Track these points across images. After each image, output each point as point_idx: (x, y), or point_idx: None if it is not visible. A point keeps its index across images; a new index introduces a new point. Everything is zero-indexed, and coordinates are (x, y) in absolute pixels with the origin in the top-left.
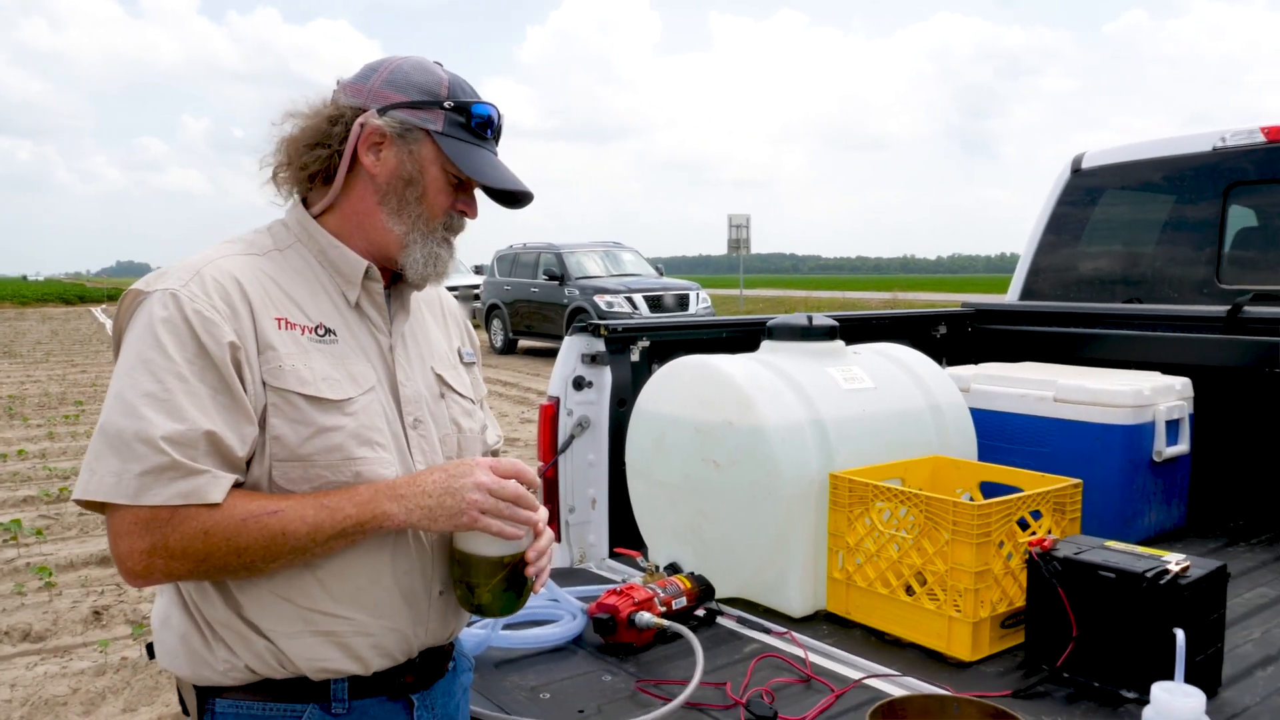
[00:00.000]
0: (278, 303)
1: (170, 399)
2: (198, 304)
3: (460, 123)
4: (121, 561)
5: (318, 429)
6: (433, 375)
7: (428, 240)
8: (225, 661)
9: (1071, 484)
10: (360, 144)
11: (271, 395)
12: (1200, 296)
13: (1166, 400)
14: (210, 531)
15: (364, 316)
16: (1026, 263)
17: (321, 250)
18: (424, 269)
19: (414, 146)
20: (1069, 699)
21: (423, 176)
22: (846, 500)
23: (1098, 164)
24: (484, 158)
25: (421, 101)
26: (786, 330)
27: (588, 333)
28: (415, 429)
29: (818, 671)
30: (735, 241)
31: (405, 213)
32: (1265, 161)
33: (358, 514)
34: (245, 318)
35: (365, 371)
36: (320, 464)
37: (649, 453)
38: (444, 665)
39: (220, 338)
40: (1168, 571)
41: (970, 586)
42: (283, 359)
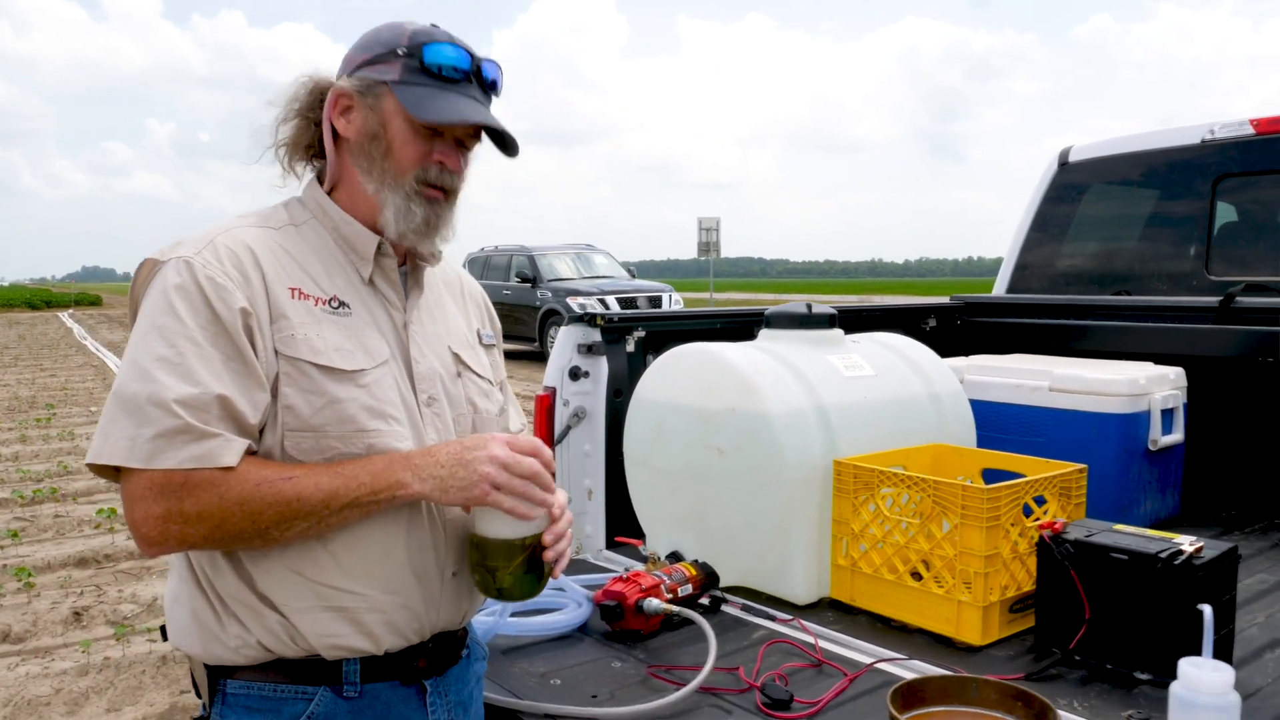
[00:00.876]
0: (292, 273)
1: (183, 362)
2: (210, 270)
3: (416, 67)
4: (136, 528)
5: (329, 399)
6: (449, 354)
7: (396, 194)
8: (237, 637)
9: (1077, 469)
10: (331, 109)
11: (284, 364)
12: (1189, 289)
13: (1161, 389)
14: (225, 496)
15: (378, 293)
16: (1013, 257)
17: (335, 226)
18: (398, 225)
19: (375, 101)
20: (1082, 681)
21: (385, 130)
22: (851, 486)
23: (1085, 157)
24: (442, 99)
25: (381, 55)
26: (786, 319)
27: (584, 323)
28: (429, 406)
29: (827, 657)
30: (705, 244)
31: (374, 169)
32: (1254, 154)
33: (372, 482)
34: (258, 285)
35: (378, 345)
36: (332, 435)
37: (649, 441)
38: (457, 652)
39: (232, 304)
40: (1182, 552)
41: (980, 570)
42: (295, 328)
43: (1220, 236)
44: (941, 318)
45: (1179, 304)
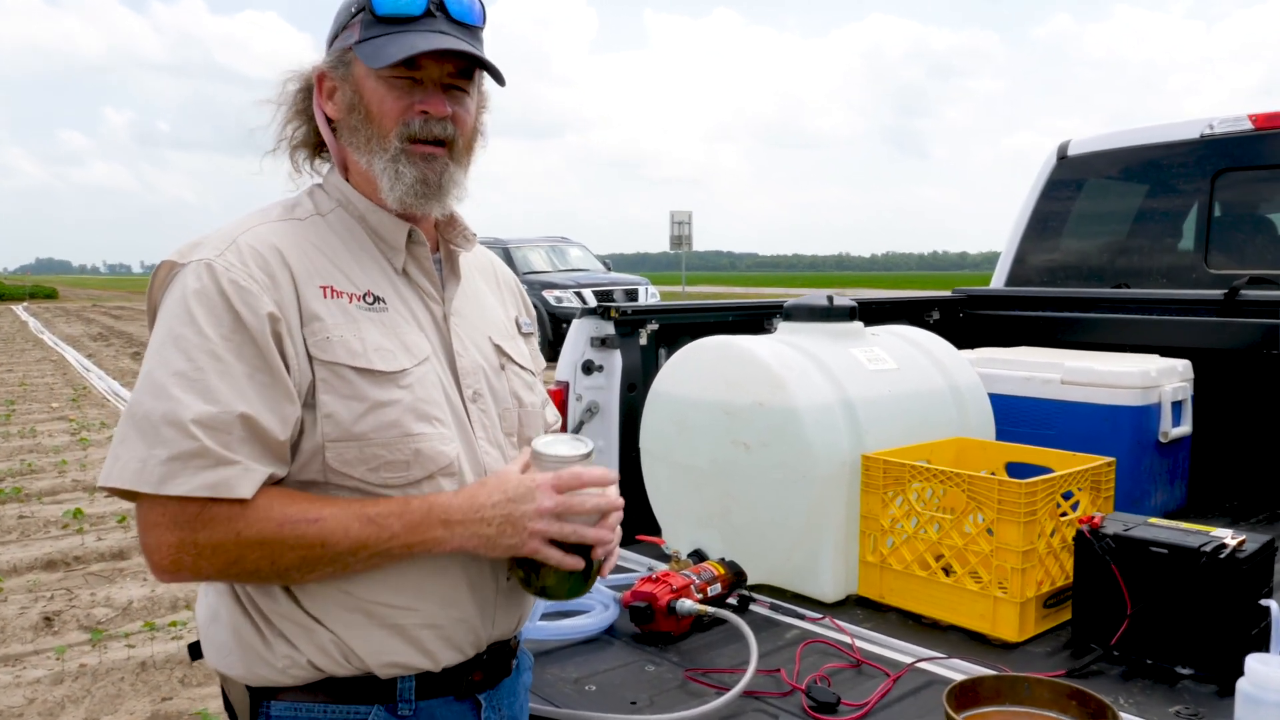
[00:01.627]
0: (322, 270)
1: (202, 378)
2: (234, 273)
3: (370, 20)
4: (148, 554)
5: (372, 404)
6: (491, 346)
7: (383, 158)
8: (285, 657)
9: (1106, 462)
10: (320, 99)
11: (320, 370)
12: (1189, 282)
13: (1171, 382)
14: (243, 533)
15: (414, 284)
16: (1011, 251)
17: (362, 215)
18: (393, 191)
19: (346, 71)
20: (1124, 677)
21: (361, 95)
22: (880, 482)
23: (1083, 151)
24: (399, 40)
25: (343, 22)
26: (807, 311)
27: (597, 315)
28: (475, 403)
29: (865, 656)
30: (677, 238)
31: (359, 140)
32: (1252, 148)
33: (405, 536)
34: (287, 287)
35: (419, 341)
36: (376, 442)
37: (670, 437)
38: (509, 663)
39: (258, 309)
40: (1225, 546)
41: (1018, 566)
42: (330, 330)
43: (1219, 230)
44: (945, 310)
45: (1183, 297)
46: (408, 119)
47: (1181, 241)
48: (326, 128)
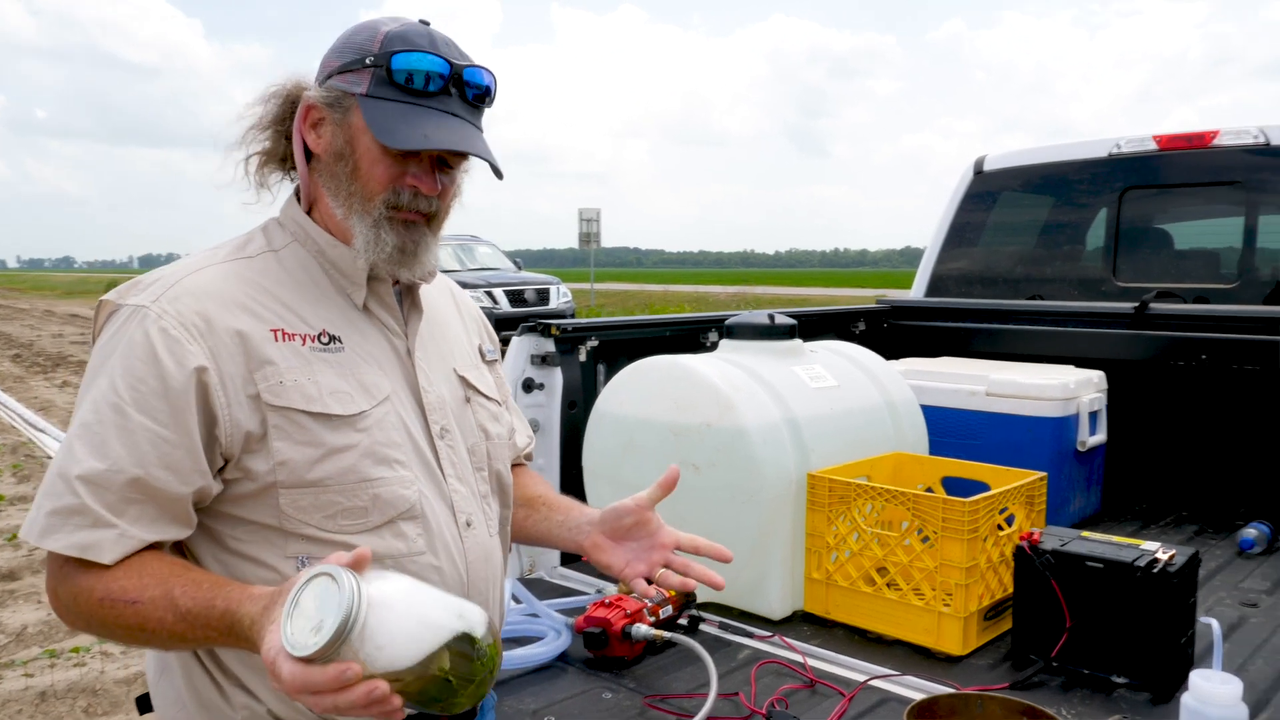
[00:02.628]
0: (273, 312)
1: (101, 433)
2: (164, 322)
3: (384, 79)
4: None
5: (328, 450)
6: (456, 378)
7: (364, 221)
8: (245, 708)
9: (1039, 477)
10: (301, 122)
11: (273, 415)
12: (1099, 295)
13: (1088, 393)
14: (79, 598)
15: (374, 319)
16: (931, 261)
17: (320, 250)
18: (368, 255)
19: (344, 115)
20: (1063, 687)
21: (353, 149)
22: (826, 500)
23: (998, 166)
24: (412, 118)
25: (351, 63)
26: (749, 329)
27: (536, 333)
28: (443, 439)
29: (818, 675)
30: (586, 235)
31: (340, 192)
32: (1157, 167)
33: (219, 640)
34: (227, 335)
35: (378, 381)
36: (333, 488)
37: (616, 456)
38: None
39: (184, 360)
40: (1157, 560)
41: (962, 581)
42: (283, 374)
43: (1126, 245)
44: (870, 321)
45: (1096, 310)
46: (398, 188)
47: (1091, 255)
48: (303, 155)
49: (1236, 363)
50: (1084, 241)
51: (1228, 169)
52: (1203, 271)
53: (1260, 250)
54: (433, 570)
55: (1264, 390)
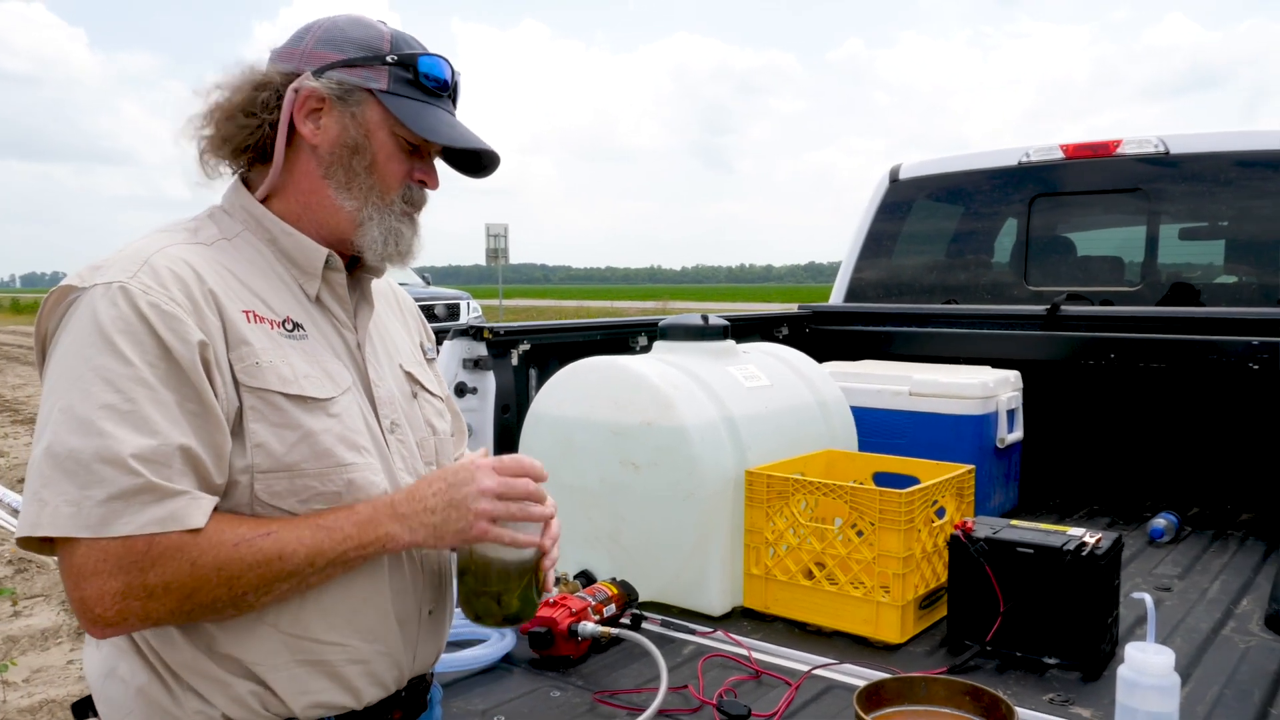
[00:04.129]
0: (240, 295)
1: (136, 410)
2: (153, 297)
3: (407, 79)
4: (88, 608)
5: (304, 432)
6: (403, 374)
7: (385, 215)
8: (197, 713)
9: (967, 470)
10: (296, 111)
11: (249, 397)
12: (1011, 298)
13: (1005, 392)
14: (198, 562)
15: (327, 312)
16: (849, 269)
17: (273, 238)
18: (384, 248)
19: (357, 109)
20: (998, 670)
21: (370, 142)
22: (764, 496)
23: (912, 175)
24: (439, 116)
25: (361, 58)
26: (683, 330)
27: (469, 336)
28: (393, 433)
29: (762, 667)
30: (493, 251)
31: (355, 186)
32: (1064, 175)
33: (359, 535)
34: (210, 312)
35: (340, 370)
36: (309, 473)
37: (554, 458)
38: (425, 698)
39: (186, 335)
40: (1085, 544)
41: (899, 571)
42: (259, 355)
43: (1036, 250)
44: (793, 326)
45: (1010, 312)
46: (409, 184)
47: (1003, 260)
48: (285, 144)
49: (1142, 361)
50: (996, 247)
51: (1130, 177)
52: (1108, 275)
53: (1161, 254)
54: (394, 560)
55: (1169, 387)
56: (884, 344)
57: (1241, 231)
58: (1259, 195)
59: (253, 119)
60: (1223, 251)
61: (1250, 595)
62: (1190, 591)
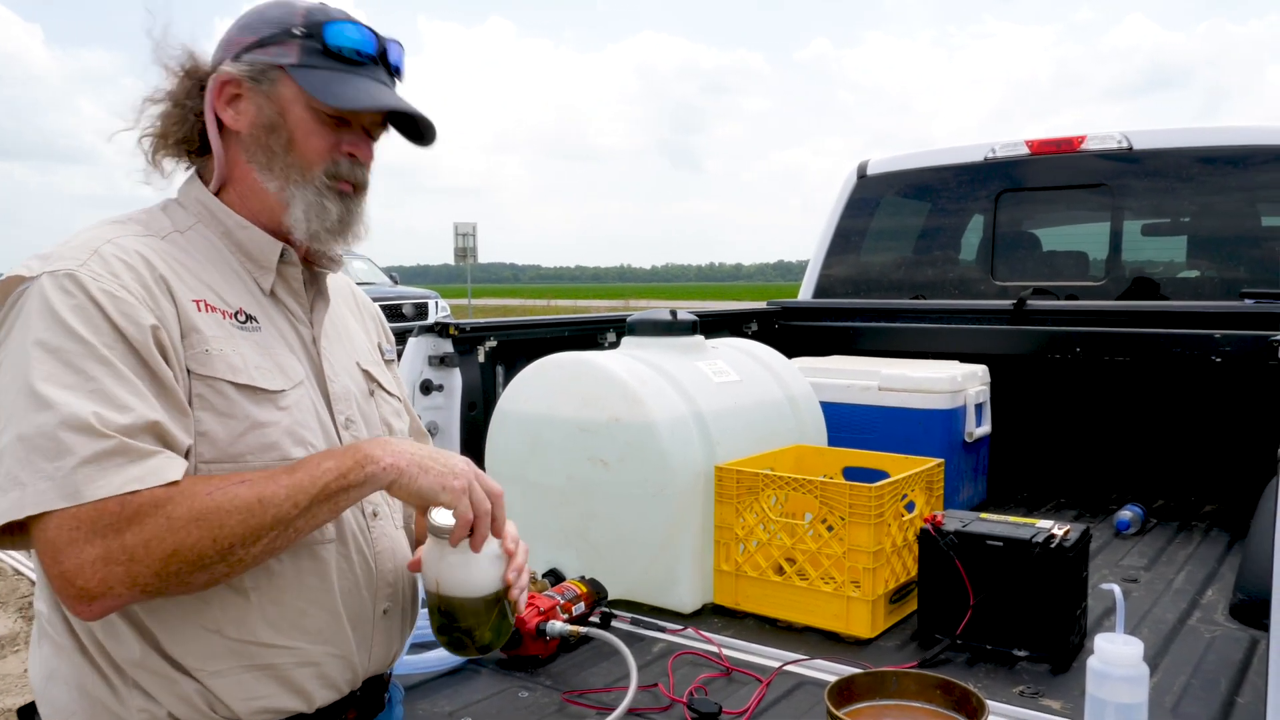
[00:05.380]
0: (191, 285)
1: (100, 387)
2: (104, 284)
3: (318, 50)
4: (70, 581)
5: (251, 423)
6: (359, 371)
7: (304, 191)
8: (141, 711)
9: (936, 464)
10: (217, 99)
11: (198, 385)
12: (977, 293)
13: (973, 386)
14: (174, 516)
15: (281, 306)
16: (817, 264)
17: (228, 231)
18: (308, 225)
19: (271, 87)
20: (969, 663)
21: (285, 120)
22: (734, 491)
23: (881, 171)
24: (350, 82)
25: (272, 36)
26: (650, 326)
27: (434, 333)
28: (348, 429)
29: (733, 664)
30: (462, 250)
31: (275, 165)
32: (1029, 171)
33: (338, 465)
34: (163, 298)
35: (293, 364)
36: (253, 465)
37: (522, 455)
38: (383, 696)
39: (140, 319)
40: (1054, 537)
41: (869, 566)
42: (209, 343)
43: (1002, 245)
44: (762, 322)
45: (977, 307)
46: (335, 158)
47: (969, 256)
48: (217, 134)
49: (1108, 355)
50: (963, 242)
51: (1094, 173)
52: (1073, 270)
53: (1125, 250)
54: (341, 559)
55: (1134, 381)
56: (852, 339)
57: (1203, 227)
58: (1220, 191)
59: (184, 110)
60: (1185, 246)
61: (1215, 586)
62: (1156, 582)
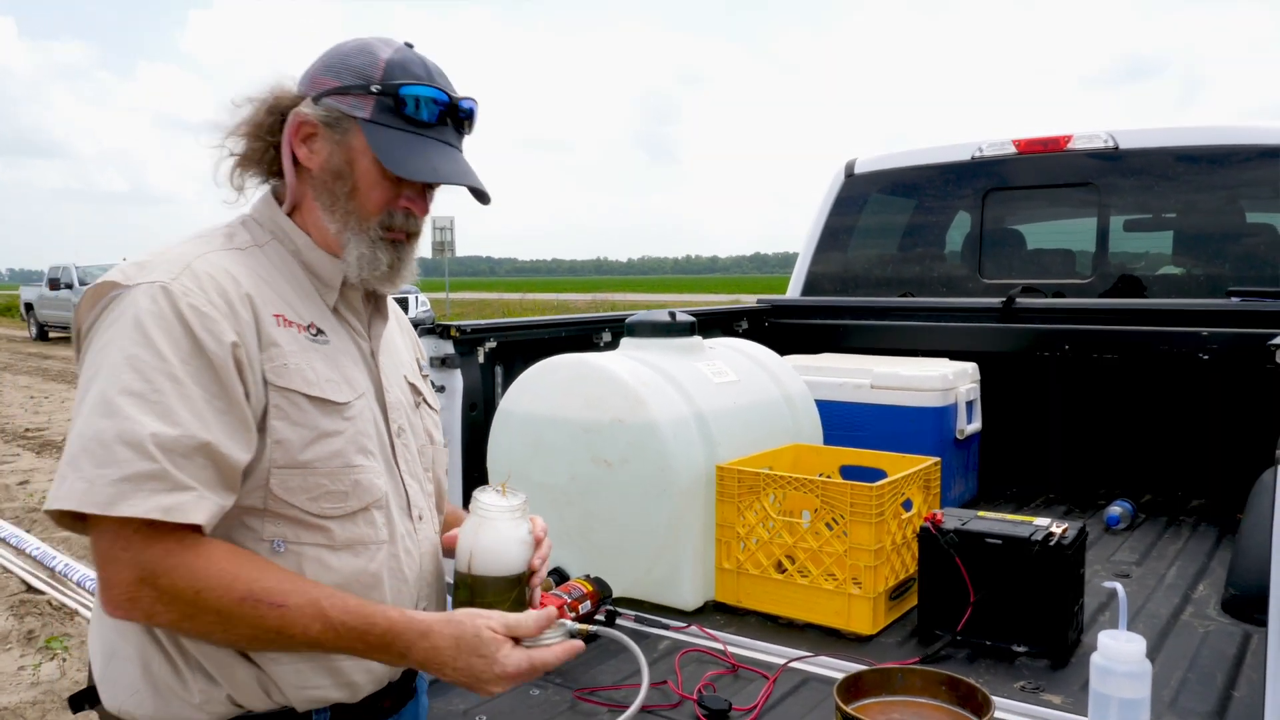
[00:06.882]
0: (272, 300)
1: (161, 400)
2: (193, 299)
3: (390, 107)
4: (106, 587)
5: (320, 433)
6: (407, 384)
7: (359, 239)
8: (203, 693)
9: (933, 462)
10: (293, 136)
11: (275, 395)
12: (965, 291)
13: (964, 383)
14: (201, 593)
15: (344, 320)
16: (805, 262)
17: (298, 250)
18: (359, 271)
19: (343, 136)
20: (969, 659)
21: (352, 170)
22: (735, 491)
23: (867, 170)
24: (417, 148)
25: (352, 86)
26: (651, 327)
27: (435, 335)
28: (399, 438)
29: (739, 660)
30: (440, 244)
31: (336, 209)
32: (1015, 170)
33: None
34: (246, 314)
35: (358, 376)
36: (320, 471)
37: (524, 456)
38: (413, 685)
39: (221, 335)
40: (1052, 535)
41: (870, 564)
42: (287, 356)
43: (989, 243)
44: (752, 320)
45: (967, 305)
46: (392, 210)
47: (957, 254)
48: (292, 166)
49: (1096, 352)
50: (951, 240)
51: (1080, 171)
52: (1060, 268)
53: (1111, 247)
54: (393, 559)
55: (1122, 377)
56: (842, 337)
57: (1188, 224)
58: (1204, 189)
59: (263, 140)
60: (1170, 244)
61: (1206, 580)
62: (1148, 578)
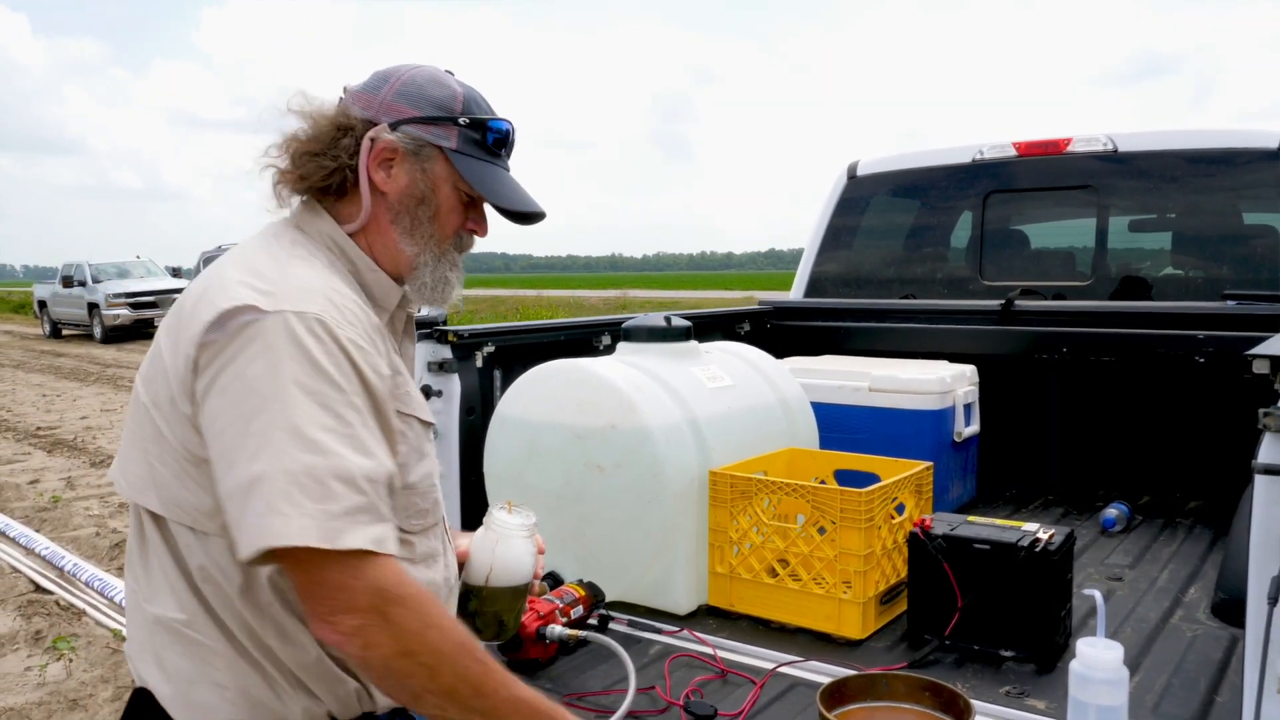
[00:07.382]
0: None
1: (353, 433)
2: (348, 332)
3: (475, 139)
4: (332, 613)
5: (422, 454)
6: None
7: (439, 263)
8: (305, 710)
9: (925, 467)
10: (371, 160)
11: (399, 421)
12: (966, 293)
13: (962, 386)
14: (430, 629)
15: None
16: (809, 263)
17: (357, 271)
18: (430, 293)
19: (427, 164)
20: (957, 663)
21: (435, 195)
22: (728, 495)
23: (871, 171)
24: (498, 176)
25: (435, 117)
26: (646, 332)
27: (433, 339)
28: None
29: (728, 665)
30: None
31: (418, 233)
32: (1016, 172)
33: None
34: (381, 345)
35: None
36: (418, 490)
37: (520, 460)
38: None
39: (379, 369)
40: (1039, 540)
41: (860, 569)
42: (407, 383)
43: (990, 245)
44: (754, 322)
45: (966, 307)
46: (462, 233)
47: (958, 256)
48: (369, 189)
49: (1094, 355)
50: (952, 242)
51: (1080, 173)
52: (1060, 270)
53: (1111, 250)
54: (447, 568)
55: (1120, 380)
56: (843, 339)
57: (1187, 227)
58: (1203, 191)
59: (331, 161)
60: (1169, 245)
61: (1197, 584)
62: (1140, 581)
